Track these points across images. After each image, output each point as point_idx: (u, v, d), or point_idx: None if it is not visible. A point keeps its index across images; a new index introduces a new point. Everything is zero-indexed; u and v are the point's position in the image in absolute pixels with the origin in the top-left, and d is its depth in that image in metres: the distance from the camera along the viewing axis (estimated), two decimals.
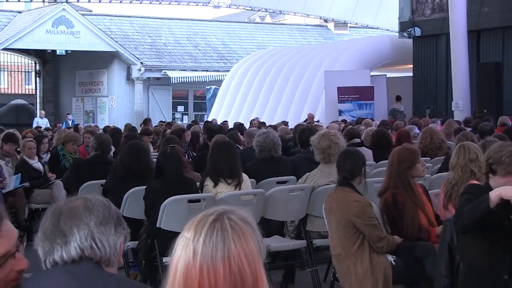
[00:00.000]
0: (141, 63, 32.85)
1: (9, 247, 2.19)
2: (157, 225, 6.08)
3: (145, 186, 6.41)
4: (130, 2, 34.09)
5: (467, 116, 16.11)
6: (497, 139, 6.73)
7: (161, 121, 19.79)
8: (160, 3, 34.88)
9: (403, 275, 5.25)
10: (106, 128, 15.17)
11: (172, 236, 6.85)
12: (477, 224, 4.13)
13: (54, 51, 32.63)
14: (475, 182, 5.20)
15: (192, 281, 1.89)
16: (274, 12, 39.06)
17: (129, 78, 33.39)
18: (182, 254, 1.92)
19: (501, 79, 19.49)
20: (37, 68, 36.04)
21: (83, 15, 32.94)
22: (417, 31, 23.27)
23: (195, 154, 10.46)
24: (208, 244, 1.90)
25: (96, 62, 33.38)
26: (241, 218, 1.95)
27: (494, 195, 4.01)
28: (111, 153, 9.58)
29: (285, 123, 16.19)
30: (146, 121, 17.55)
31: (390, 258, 5.26)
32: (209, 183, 6.52)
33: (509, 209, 3.98)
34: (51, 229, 2.26)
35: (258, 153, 7.77)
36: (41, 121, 27.68)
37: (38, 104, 35.28)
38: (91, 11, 36.08)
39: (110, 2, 33.76)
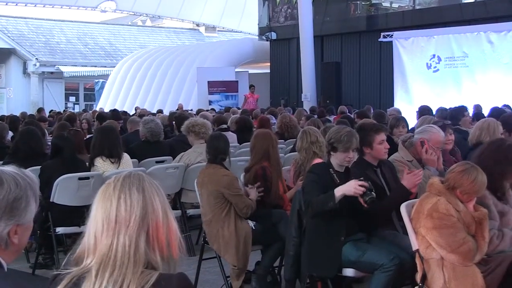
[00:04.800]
0: (36, 59, 31.81)
1: None
2: (51, 200, 5.87)
3: (40, 166, 6.16)
4: (26, 5, 32.76)
5: (313, 106, 16.50)
6: (339, 124, 6.89)
7: (51, 110, 19.09)
8: (53, 7, 33.73)
9: (261, 237, 5.33)
10: (3, 117, 14.46)
11: (63, 209, 6.57)
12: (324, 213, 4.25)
13: None
14: (318, 160, 5.35)
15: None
16: (153, 16, 38.54)
17: (25, 72, 32.29)
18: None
19: (340, 75, 20.15)
20: None
21: None
22: (273, 35, 23.62)
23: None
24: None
25: None
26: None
27: (339, 194, 4.13)
28: (9, 138, 9.15)
29: (161, 111, 16.46)
30: (40, 110, 17.09)
31: (251, 223, 5.32)
32: (98, 163, 6.37)
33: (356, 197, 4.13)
34: None
35: (149, 136, 7.69)
36: None
37: None
38: None
39: (6, 4, 32.30)
